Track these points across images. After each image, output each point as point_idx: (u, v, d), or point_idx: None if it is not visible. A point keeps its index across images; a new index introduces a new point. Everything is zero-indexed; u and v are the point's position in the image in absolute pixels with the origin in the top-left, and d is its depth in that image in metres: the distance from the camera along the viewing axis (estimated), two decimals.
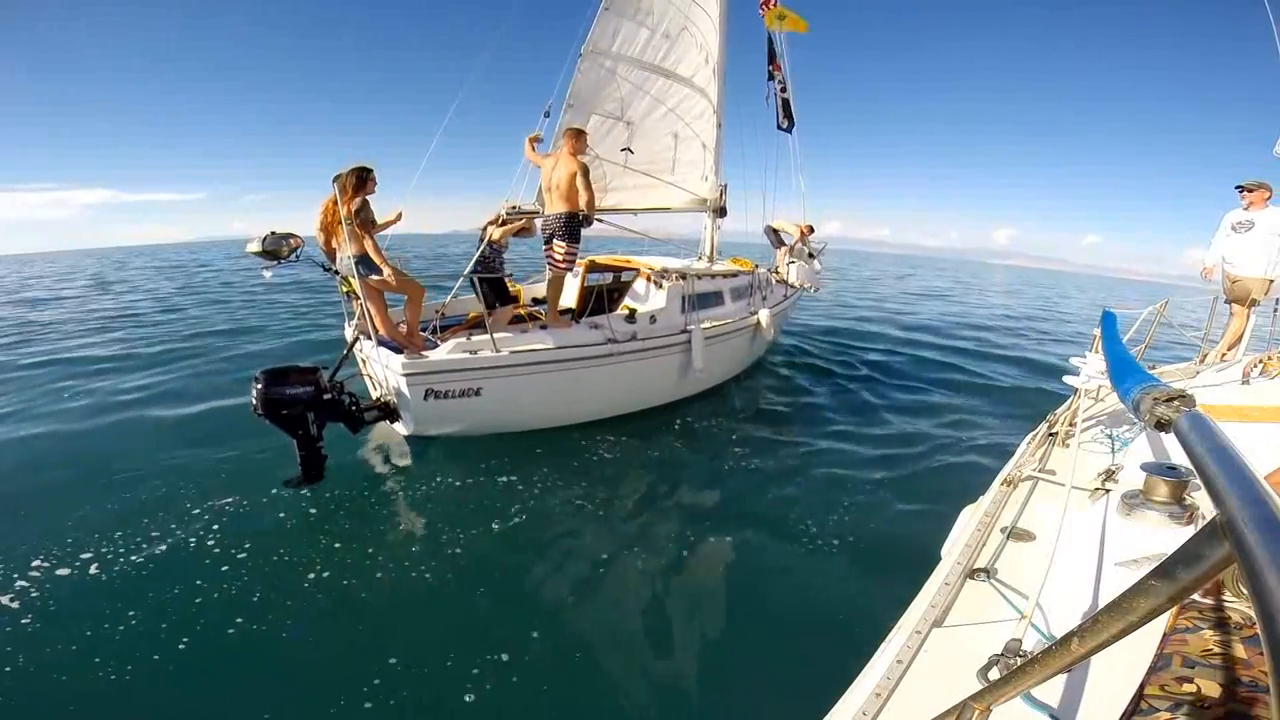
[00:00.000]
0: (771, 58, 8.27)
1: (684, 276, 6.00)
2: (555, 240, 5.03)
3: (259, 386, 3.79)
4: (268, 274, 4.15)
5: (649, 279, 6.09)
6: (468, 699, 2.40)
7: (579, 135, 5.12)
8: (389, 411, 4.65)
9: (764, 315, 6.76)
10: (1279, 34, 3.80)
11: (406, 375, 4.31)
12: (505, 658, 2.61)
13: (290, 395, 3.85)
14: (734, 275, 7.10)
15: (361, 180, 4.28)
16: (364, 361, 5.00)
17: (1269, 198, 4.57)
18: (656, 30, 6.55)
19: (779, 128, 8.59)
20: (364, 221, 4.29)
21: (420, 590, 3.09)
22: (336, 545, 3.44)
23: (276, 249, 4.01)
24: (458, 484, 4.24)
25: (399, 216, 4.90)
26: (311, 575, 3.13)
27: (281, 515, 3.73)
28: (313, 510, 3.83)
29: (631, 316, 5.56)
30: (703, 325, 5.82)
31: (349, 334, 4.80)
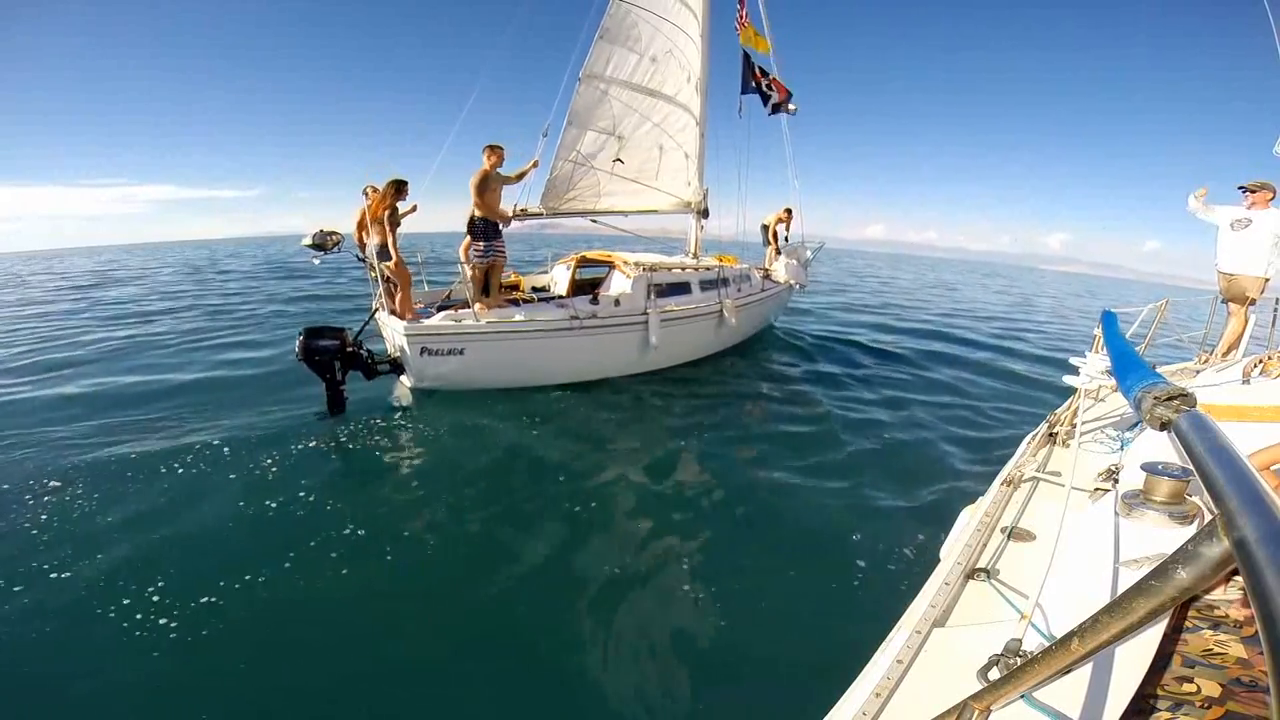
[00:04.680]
0: (759, 72, 8.76)
1: (649, 267, 6.91)
2: (478, 239, 6.00)
3: (300, 339, 5.03)
4: (316, 261, 5.62)
5: (621, 269, 6.93)
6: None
7: (490, 151, 5.99)
8: (397, 365, 5.76)
9: (727, 304, 7.48)
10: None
11: (407, 335, 5.44)
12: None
13: (322, 346, 5.06)
14: (704, 268, 7.85)
15: (399, 190, 5.55)
16: (382, 326, 6.09)
17: (1271, 198, 4.55)
18: (645, 54, 7.48)
19: (785, 111, 8.96)
20: (392, 220, 5.49)
21: (403, 498, 4.04)
22: (346, 464, 4.61)
23: (323, 242, 5.42)
24: (448, 424, 5.29)
25: (414, 208, 6.03)
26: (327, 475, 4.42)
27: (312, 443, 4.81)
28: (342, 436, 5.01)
29: (595, 298, 6.52)
30: (663, 310, 6.70)
31: (374, 305, 5.97)
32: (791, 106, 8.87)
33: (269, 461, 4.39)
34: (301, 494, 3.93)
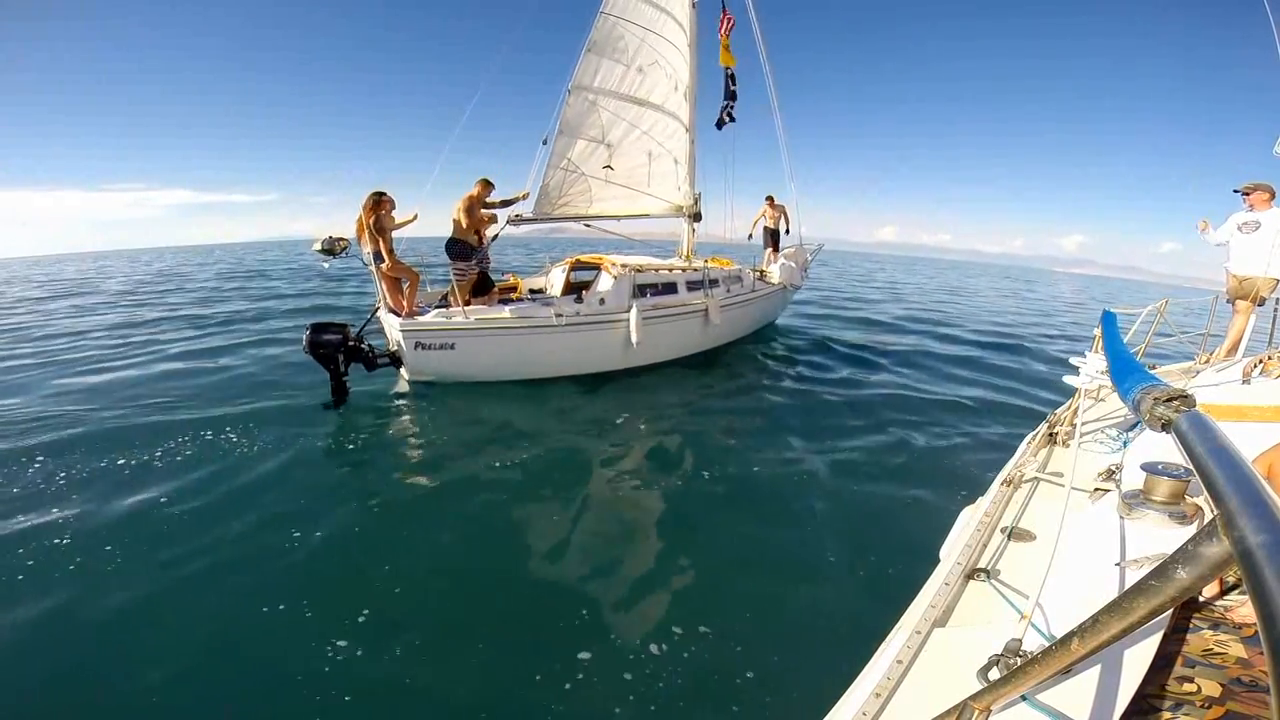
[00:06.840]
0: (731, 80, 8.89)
1: (635, 268, 7.17)
2: (456, 259, 6.49)
3: (307, 333, 5.47)
4: (326, 265, 6.05)
5: (607, 270, 7.15)
6: None
7: (483, 184, 6.59)
8: (395, 359, 6.15)
9: (711, 304, 7.67)
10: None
11: (403, 331, 5.89)
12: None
13: (326, 340, 5.51)
14: (692, 269, 8.05)
15: (378, 201, 5.92)
16: (383, 323, 6.48)
17: (1271, 198, 4.55)
18: (631, 65, 7.73)
19: (720, 125, 9.04)
20: (380, 228, 5.90)
21: (397, 480, 4.44)
22: (347, 445, 5.03)
23: (332, 247, 5.86)
24: (441, 414, 5.80)
25: (414, 217, 6.42)
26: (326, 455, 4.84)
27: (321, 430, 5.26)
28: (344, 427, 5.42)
29: (579, 297, 6.81)
30: (645, 308, 6.92)
31: (376, 304, 6.42)
32: (725, 119, 8.92)
33: (276, 445, 4.76)
34: (303, 476, 4.30)
